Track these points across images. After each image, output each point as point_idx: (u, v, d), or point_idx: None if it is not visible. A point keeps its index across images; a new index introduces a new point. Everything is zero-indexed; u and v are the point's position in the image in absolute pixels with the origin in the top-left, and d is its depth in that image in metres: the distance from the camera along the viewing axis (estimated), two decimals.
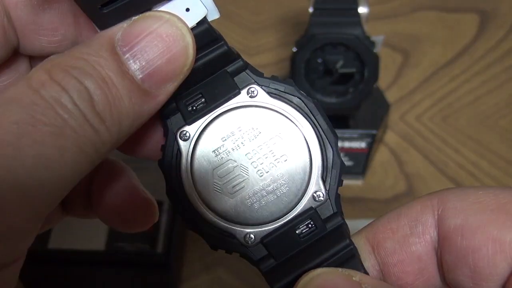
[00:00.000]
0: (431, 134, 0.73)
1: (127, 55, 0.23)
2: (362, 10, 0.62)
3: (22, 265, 0.23)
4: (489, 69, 0.80)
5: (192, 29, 0.24)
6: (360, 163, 0.68)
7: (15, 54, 0.28)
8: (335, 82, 0.64)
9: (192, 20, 0.25)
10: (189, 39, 0.23)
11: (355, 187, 0.69)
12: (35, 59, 0.29)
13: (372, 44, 0.62)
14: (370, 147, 0.68)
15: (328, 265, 0.26)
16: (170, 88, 0.24)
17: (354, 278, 0.24)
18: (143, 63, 0.23)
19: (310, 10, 0.62)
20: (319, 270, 0.25)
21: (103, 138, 0.22)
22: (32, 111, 0.21)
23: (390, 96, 0.75)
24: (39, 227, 0.22)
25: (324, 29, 0.61)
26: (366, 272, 0.26)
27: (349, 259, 0.26)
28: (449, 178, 0.69)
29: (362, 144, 0.68)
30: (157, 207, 0.32)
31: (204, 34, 0.25)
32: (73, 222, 0.60)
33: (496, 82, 0.78)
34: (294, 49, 0.63)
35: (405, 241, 0.26)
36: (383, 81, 0.77)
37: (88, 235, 0.59)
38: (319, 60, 0.64)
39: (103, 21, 0.24)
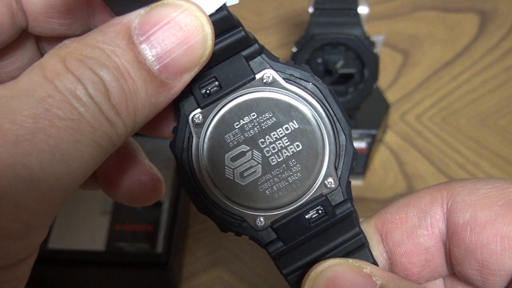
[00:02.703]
0: (431, 134, 0.73)
1: (144, 45, 0.22)
2: (362, 10, 0.62)
3: None
4: (489, 69, 0.80)
5: (211, 15, 0.24)
6: (360, 163, 0.68)
7: (23, 33, 0.27)
8: (335, 82, 0.64)
9: (211, 7, 0.24)
10: (208, 30, 0.23)
11: (355, 187, 0.69)
12: (42, 38, 0.28)
13: (372, 44, 0.62)
14: (370, 147, 0.68)
15: (338, 253, 0.26)
16: (186, 78, 0.23)
17: (365, 270, 0.24)
18: (161, 54, 0.22)
19: (310, 10, 0.62)
20: (330, 262, 0.25)
21: (118, 130, 0.22)
22: (47, 105, 0.20)
23: (390, 96, 0.75)
24: (53, 220, 0.22)
25: (324, 29, 0.61)
26: (375, 262, 0.26)
27: (359, 247, 0.26)
28: (449, 178, 0.69)
29: (362, 144, 0.68)
30: (163, 182, 0.32)
31: (223, 21, 0.25)
32: (73, 222, 0.60)
33: (496, 82, 0.78)
34: (294, 49, 0.63)
35: (413, 232, 0.27)
36: (383, 81, 0.77)
37: (88, 235, 0.59)
38: (319, 60, 0.64)
39: (120, 7, 0.23)
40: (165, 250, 0.56)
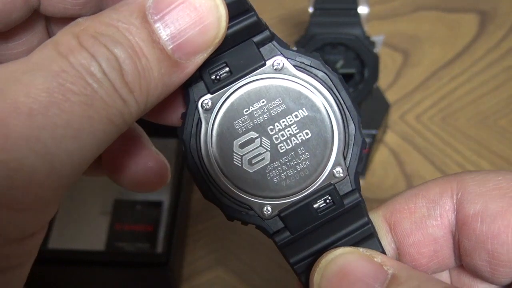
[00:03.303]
0: (431, 134, 0.73)
1: (158, 24, 0.22)
2: (362, 10, 0.62)
3: None
4: (489, 69, 0.80)
5: None
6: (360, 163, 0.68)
7: (34, 13, 0.27)
8: None
9: None
10: (223, 11, 0.23)
11: None
12: (52, 19, 0.28)
13: (372, 44, 0.62)
14: (370, 147, 0.68)
15: (346, 242, 0.26)
16: (199, 59, 0.23)
17: (375, 259, 0.24)
18: (175, 33, 0.22)
19: (310, 10, 0.62)
20: (340, 250, 0.25)
21: (131, 108, 0.22)
22: (61, 79, 0.20)
23: (390, 96, 0.75)
24: (63, 196, 0.22)
25: (324, 29, 0.61)
26: (384, 252, 0.26)
27: (368, 237, 0.26)
28: None
29: None
30: (169, 168, 0.32)
31: (237, 4, 0.25)
32: (73, 222, 0.60)
33: (496, 82, 0.78)
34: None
35: (422, 222, 0.26)
36: (383, 81, 0.77)
37: (88, 235, 0.59)
38: None
39: None
40: (165, 250, 0.56)
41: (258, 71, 0.26)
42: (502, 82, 0.79)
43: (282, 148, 0.26)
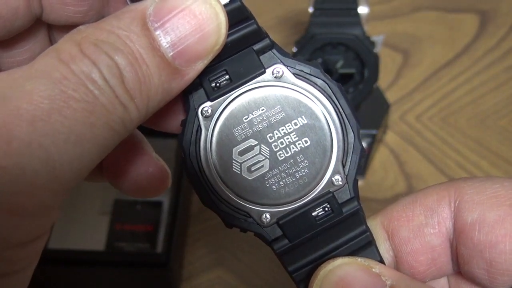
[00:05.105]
0: (431, 134, 0.73)
1: (159, 31, 0.22)
2: (362, 10, 0.62)
3: None
4: (489, 69, 0.80)
5: (225, 5, 0.24)
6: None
7: (36, 21, 0.27)
8: None
9: None
10: (222, 18, 0.23)
11: None
12: (54, 27, 0.29)
13: (372, 44, 0.62)
14: (370, 147, 0.68)
15: (345, 250, 0.26)
16: (199, 66, 0.23)
17: (374, 270, 0.24)
18: (175, 40, 0.22)
19: (310, 10, 0.62)
20: (339, 261, 0.25)
21: (131, 115, 0.22)
22: (63, 86, 0.21)
23: (390, 96, 0.75)
24: (63, 201, 0.22)
25: (324, 29, 0.61)
26: (382, 260, 0.26)
27: (366, 245, 0.26)
28: (449, 178, 0.69)
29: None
30: (170, 174, 0.32)
31: (236, 11, 0.25)
32: (73, 222, 0.60)
33: (496, 82, 0.78)
34: (294, 49, 0.63)
35: (420, 230, 0.26)
36: (383, 81, 0.77)
37: (88, 235, 0.59)
38: (319, 60, 0.64)
39: None
40: (165, 250, 0.56)
41: (258, 79, 0.26)
42: (502, 82, 0.79)
43: (281, 155, 0.26)
